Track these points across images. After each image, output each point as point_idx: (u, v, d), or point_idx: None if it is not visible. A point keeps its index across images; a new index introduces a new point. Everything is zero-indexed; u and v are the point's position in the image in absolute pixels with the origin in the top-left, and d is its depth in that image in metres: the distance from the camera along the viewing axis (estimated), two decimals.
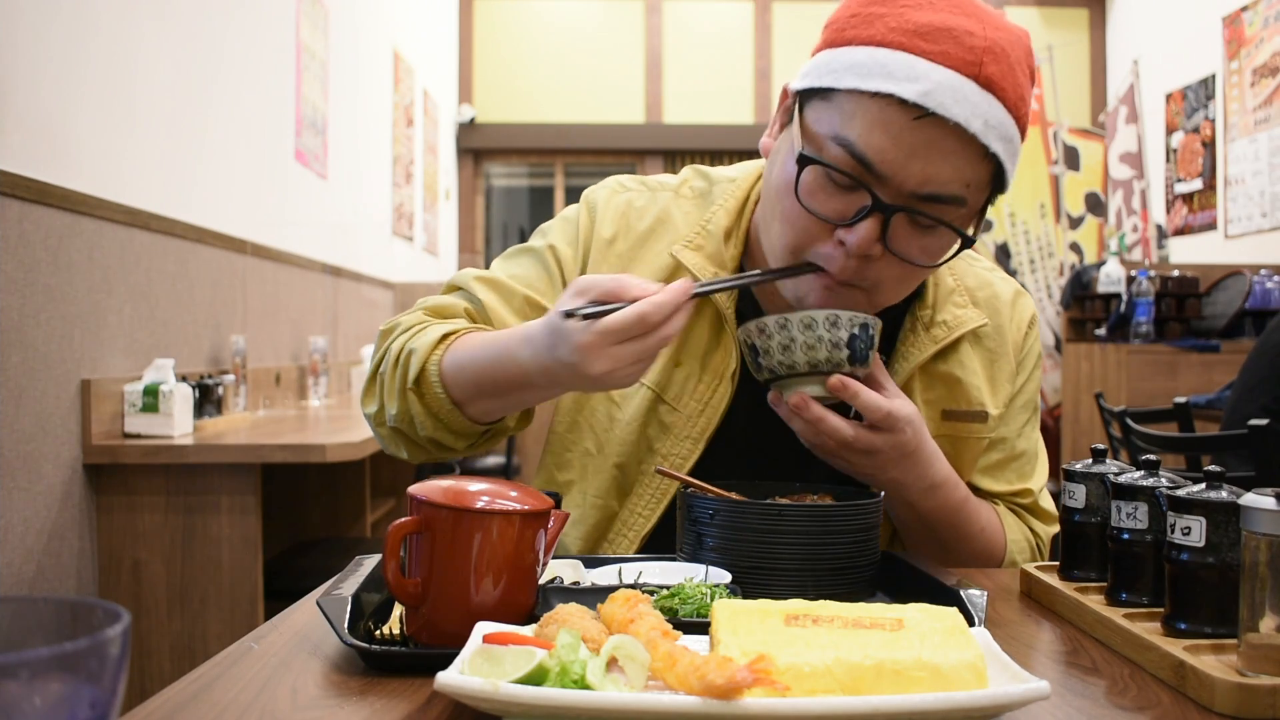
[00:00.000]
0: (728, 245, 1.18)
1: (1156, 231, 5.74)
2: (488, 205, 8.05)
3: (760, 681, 0.62)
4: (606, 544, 1.20)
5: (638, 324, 0.93)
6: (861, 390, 1.03)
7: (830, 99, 1.01)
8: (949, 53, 0.96)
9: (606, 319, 0.93)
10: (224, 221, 3.23)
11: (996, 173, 1.02)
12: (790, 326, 1.02)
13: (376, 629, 0.87)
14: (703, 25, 7.58)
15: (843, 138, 0.99)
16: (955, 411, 1.19)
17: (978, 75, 0.96)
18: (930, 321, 1.18)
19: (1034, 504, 1.25)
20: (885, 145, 0.98)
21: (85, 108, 2.45)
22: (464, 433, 1.14)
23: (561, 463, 1.23)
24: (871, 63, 0.98)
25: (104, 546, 2.40)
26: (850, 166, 1.00)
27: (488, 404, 1.11)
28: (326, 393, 3.91)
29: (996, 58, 0.98)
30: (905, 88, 0.95)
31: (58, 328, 2.29)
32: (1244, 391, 2.57)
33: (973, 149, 0.98)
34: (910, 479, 1.09)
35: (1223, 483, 0.82)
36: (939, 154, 0.98)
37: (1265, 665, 0.73)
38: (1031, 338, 1.26)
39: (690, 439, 1.16)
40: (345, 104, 4.67)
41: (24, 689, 0.43)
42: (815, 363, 1.02)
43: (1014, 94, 0.99)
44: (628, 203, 1.23)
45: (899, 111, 0.96)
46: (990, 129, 0.97)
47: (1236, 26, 5.69)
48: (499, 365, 1.06)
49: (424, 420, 1.12)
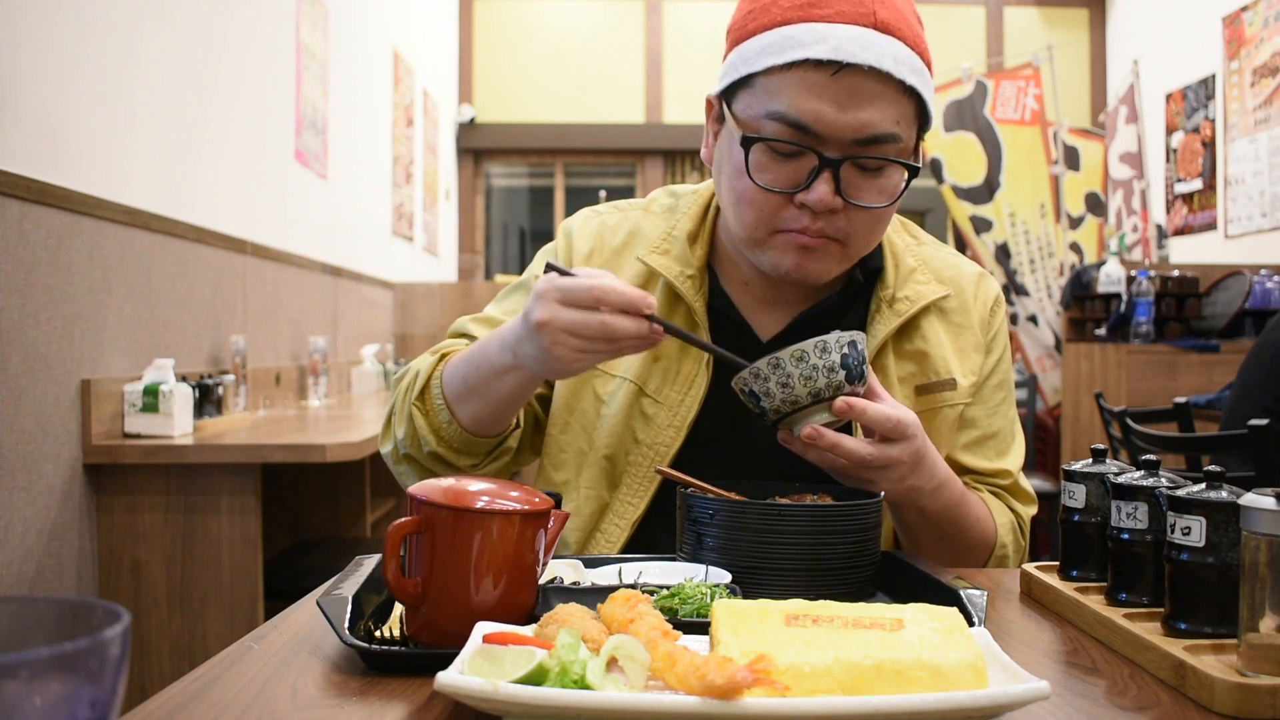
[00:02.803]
0: (693, 248, 1.25)
1: (1156, 231, 5.74)
2: (488, 205, 8.05)
3: (760, 681, 0.62)
4: (599, 533, 1.23)
5: (588, 291, 0.98)
6: (868, 407, 1.04)
7: (752, 84, 1.10)
8: (843, 11, 1.06)
9: (570, 278, 1.00)
10: (224, 221, 3.23)
11: (920, 108, 1.11)
12: (784, 364, 1.03)
13: (376, 629, 0.87)
14: (703, 25, 7.57)
15: (775, 111, 1.08)
16: (926, 384, 1.24)
17: (874, 23, 1.06)
18: (892, 299, 1.24)
19: (1013, 485, 1.30)
20: (814, 106, 1.06)
21: (85, 108, 2.45)
22: (463, 448, 1.19)
23: (557, 463, 1.28)
24: (779, 40, 1.07)
25: (104, 546, 2.40)
26: (790, 134, 1.08)
27: (474, 404, 1.15)
28: (326, 393, 3.91)
29: (884, 4, 1.08)
30: (815, 50, 1.05)
31: (58, 328, 2.29)
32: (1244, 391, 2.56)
33: (891, 87, 1.07)
34: (922, 482, 1.11)
35: (1223, 483, 0.82)
36: (864, 98, 1.06)
37: (1265, 665, 0.73)
38: (998, 317, 1.32)
39: (673, 428, 1.21)
40: (345, 104, 4.67)
41: (24, 689, 0.43)
42: (816, 391, 1.03)
43: (910, 32, 1.09)
44: (601, 223, 1.32)
45: (817, 72, 1.05)
46: (901, 64, 1.06)
47: (1236, 26, 5.69)
48: (485, 346, 1.13)
49: (426, 435, 1.18)
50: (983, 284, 1.31)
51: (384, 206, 5.48)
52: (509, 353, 1.08)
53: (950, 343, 1.26)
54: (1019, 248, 5.42)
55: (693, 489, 1.02)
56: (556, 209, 7.93)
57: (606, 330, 0.98)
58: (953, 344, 1.26)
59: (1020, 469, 1.31)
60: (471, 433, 1.17)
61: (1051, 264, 5.39)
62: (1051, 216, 5.44)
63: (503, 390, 1.13)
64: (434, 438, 1.18)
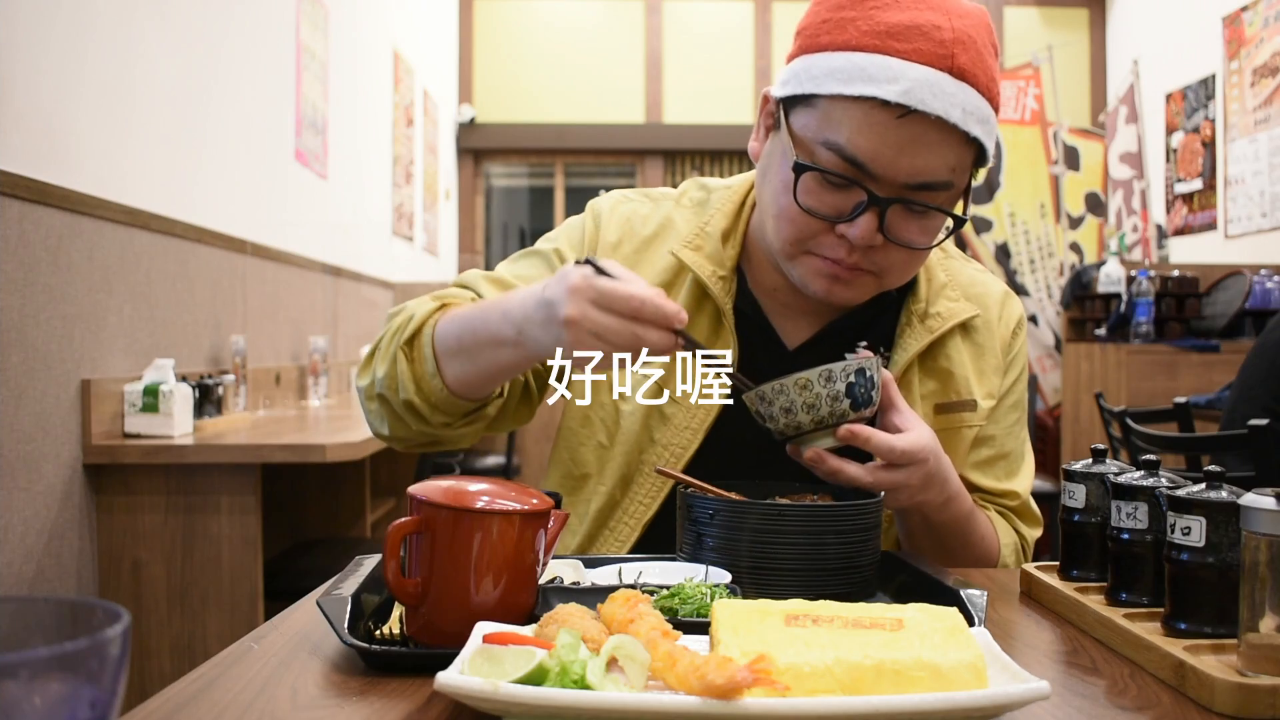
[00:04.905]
0: (726, 246, 1.22)
1: (1156, 231, 5.74)
2: (488, 205, 8.04)
3: (760, 681, 0.62)
4: (608, 531, 1.23)
5: (627, 301, 0.93)
6: (873, 435, 1.03)
7: (814, 104, 1.06)
8: (921, 49, 1.02)
9: (609, 280, 0.94)
10: (224, 221, 3.23)
11: (978, 152, 1.08)
12: (788, 390, 1.02)
13: (376, 629, 0.87)
14: (703, 25, 7.57)
15: (832, 141, 1.04)
16: (947, 404, 1.23)
17: (951, 68, 1.02)
18: (924, 314, 1.23)
19: (1020, 507, 1.29)
20: (873, 145, 1.03)
21: (85, 108, 2.45)
22: (440, 404, 1.12)
23: (577, 457, 1.26)
24: (850, 67, 1.03)
25: (104, 546, 2.40)
26: (842, 168, 1.05)
27: (462, 365, 1.10)
28: (326, 393, 3.91)
29: (965, 47, 1.03)
30: (885, 89, 1.01)
31: (58, 328, 2.29)
32: (1243, 391, 2.56)
33: (954, 137, 1.04)
34: (931, 497, 1.10)
35: (1223, 483, 0.82)
36: (924, 146, 1.03)
37: (1265, 665, 0.73)
38: (1019, 340, 1.30)
39: (690, 429, 1.20)
40: (345, 104, 4.66)
41: (24, 689, 0.43)
42: (820, 420, 1.02)
43: (985, 78, 1.05)
44: (632, 211, 1.28)
45: (882, 112, 1.02)
46: (969, 115, 1.03)
47: (1236, 26, 5.68)
48: (486, 311, 1.08)
49: (406, 382, 1.12)
50: (1008, 305, 1.30)
51: (384, 206, 5.48)
52: (511, 328, 1.03)
53: (972, 363, 1.25)
54: (1019, 248, 5.42)
55: (692, 489, 1.02)
56: (556, 209, 7.93)
57: (637, 343, 0.94)
58: (974, 365, 1.25)
59: (1029, 490, 1.29)
60: (453, 391, 1.11)
61: (1051, 264, 5.39)
62: (1051, 216, 5.43)
63: (495, 361, 1.08)
64: (414, 387, 1.12)
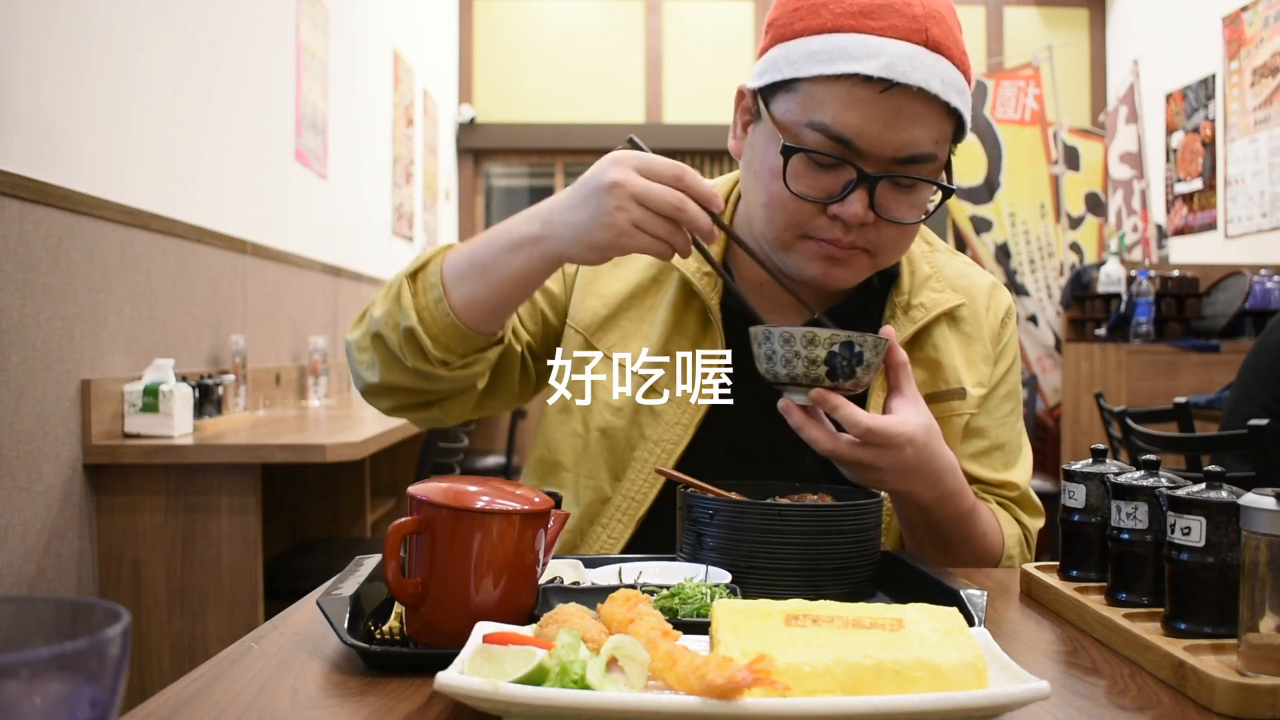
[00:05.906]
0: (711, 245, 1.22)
1: (1156, 231, 5.74)
2: (488, 205, 8.04)
3: (760, 681, 0.62)
4: (600, 527, 1.22)
5: (670, 167, 1.00)
6: (842, 405, 1.02)
7: (795, 89, 1.08)
8: (896, 25, 1.05)
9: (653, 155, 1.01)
10: (224, 221, 3.23)
11: (957, 124, 1.11)
12: (772, 339, 1.03)
13: (376, 629, 0.87)
14: (703, 25, 7.57)
15: (817, 122, 1.06)
16: (937, 393, 1.23)
17: (925, 40, 1.05)
18: (908, 305, 1.24)
19: (1020, 497, 1.29)
20: (859, 121, 1.05)
21: (85, 108, 2.45)
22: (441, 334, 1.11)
23: (551, 444, 1.26)
24: (829, 48, 1.05)
25: (104, 546, 2.40)
26: (830, 147, 1.07)
27: (474, 283, 1.10)
28: (326, 393, 3.91)
29: (936, 21, 1.07)
30: (866, 65, 1.03)
31: (58, 328, 2.29)
32: (1243, 391, 2.56)
33: (936, 108, 1.06)
34: (918, 490, 1.10)
35: (1223, 483, 0.82)
36: (908, 119, 1.06)
37: (1265, 665, 0.73)
38: (1009, 329, 1.31)
39: (680, 425, 1.20)
40: (345, 104, 4.66)
41: (24, 689, 0.43)
42: (794, 376, 1.03)
43: (957, 50, 1.08)
44: None
45: (865, 88, 1.04)
46: (948, 86, 1.06)
47: (1236, 26, 5.68)
48: (507, 222, 1.11)
49: (409, 310, 1.11)
50: (995, 295, 1.31)
51: (384, 206, 5.48)
52: (536, 222, 1.06)
53: (961, 352, 1.25)
54: (1019, 248, 5.42)
55: (692, 489, 1.02)
56: None
57: (678, 208, 0.99)
58: (963, 354, 1.26)
59: (1028, 481, 1.30)
60: (458, 317, 1.10)
61: (1051, 264, 5.40)
62: (1051, 216, 5.44)
63: (511, 268, 1.08)
64: (415, 315, 1.11)
